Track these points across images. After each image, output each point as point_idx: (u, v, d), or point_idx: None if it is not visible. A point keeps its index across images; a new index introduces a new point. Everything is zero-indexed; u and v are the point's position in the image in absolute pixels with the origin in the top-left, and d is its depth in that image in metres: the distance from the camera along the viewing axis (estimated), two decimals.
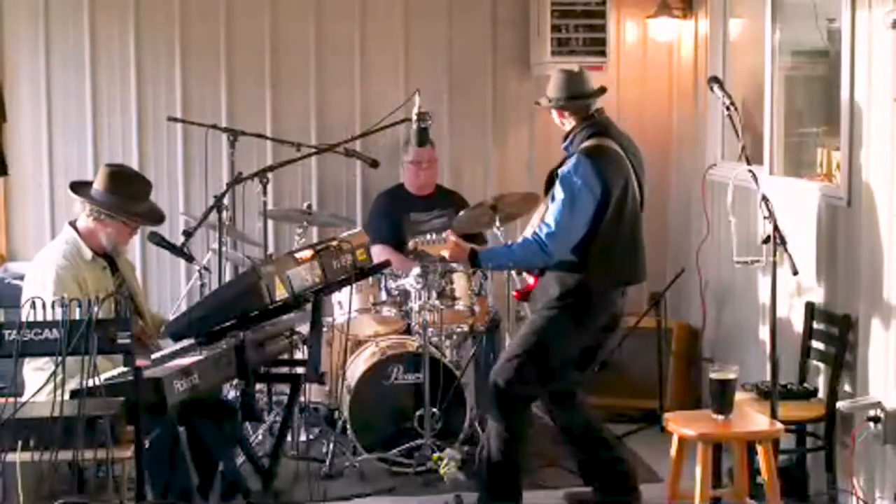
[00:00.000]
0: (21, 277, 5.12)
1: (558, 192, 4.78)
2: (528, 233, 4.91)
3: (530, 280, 5.10)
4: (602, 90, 5.01)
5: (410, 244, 5.11)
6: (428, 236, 5.14)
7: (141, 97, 6.68)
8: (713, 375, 4.51)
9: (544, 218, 4.83)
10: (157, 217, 4.80)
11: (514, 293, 5.34)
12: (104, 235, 4.55)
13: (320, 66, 6.79)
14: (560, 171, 4.83)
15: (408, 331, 5.92)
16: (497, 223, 5.73)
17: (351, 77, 6.80)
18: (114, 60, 6.65)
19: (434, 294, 5.62)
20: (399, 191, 6.52)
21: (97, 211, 4.53)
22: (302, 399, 4.94)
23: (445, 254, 5.03)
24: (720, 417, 4.48)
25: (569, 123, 4.94)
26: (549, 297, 4.91)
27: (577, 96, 4.90)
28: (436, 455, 5.40)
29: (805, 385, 5.09)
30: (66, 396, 3.36)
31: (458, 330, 5.90)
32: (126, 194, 4.58)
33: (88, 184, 4.66)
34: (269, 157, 6.55)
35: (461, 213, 5.93)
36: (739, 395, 4.76)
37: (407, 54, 6.86)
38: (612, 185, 4.77)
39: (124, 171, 4.82)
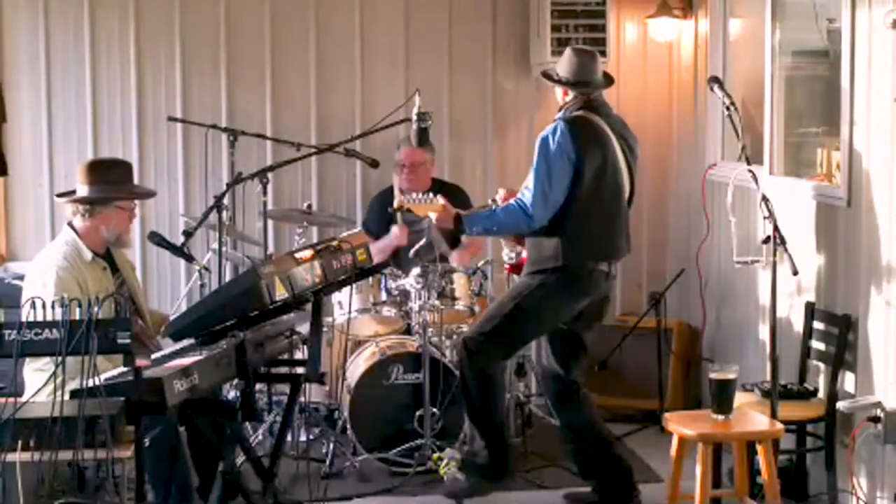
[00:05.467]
0: (21, 277, 5.12)
1: (536, 156, 4.86)
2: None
3: (524, 254, 5.13)
4: (610, 81, 5.08)
5: (396, 201, 5.08)
6: (415, 195, 5.14)
7: (141, 97, 6.68)
8: (713, 375, 4.51)
9: (525, 183, 4.89)
10: (147, 193, 4.81)
11: (506, 267, 5.35)
12: (104, 229, 4.54)
13: (320, 66, 6.79)
14: (539, 135, 4.89)
15: (408, 331, 5.92)
16: None
17: (351, 77, 6.80)
18: (114, 60, 6.64)
19: (434, 294, 5.63)
20: (391, 192, 6.49)
21: (88, 208, 4.52)
22: (302, 399, 4.94)
23: (432, 215, 5.06)
24: (720, 417, 4.48)
25: (568, 98, 5.01)
26: (530, 266, 4.96)
27: (584, 83, 4.95)
28: (436, 455, 5.40)
29: (805, 385, 5.09)
30: (66, 396, 3.36)
31: (458, 330, 5.90)
32: (110, 181, 4.57)
33: (73, 192, 4.64)
34: (269, 157, 6.55)
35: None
36: (739, 395, 4.76)
37: (407, 54, 6.86)
38: (587, 154, 4.81)
39: (100, 161, 4.85)
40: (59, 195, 4.69)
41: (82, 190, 4.55)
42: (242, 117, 6.62)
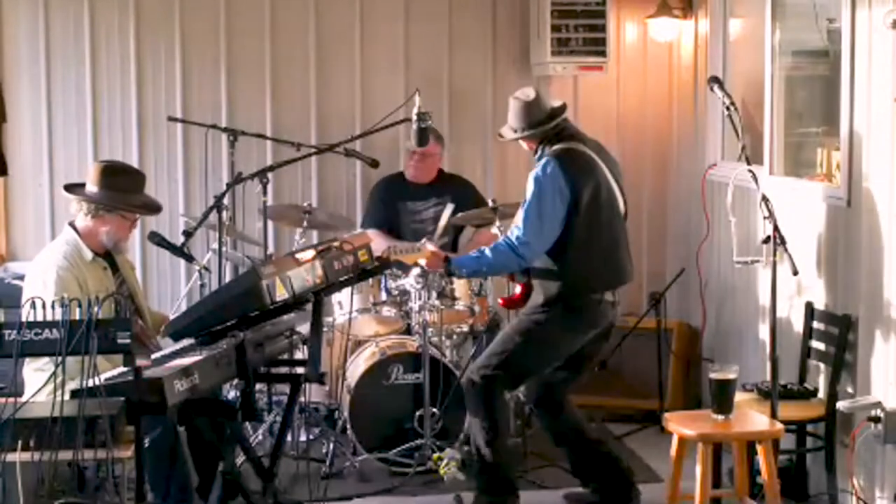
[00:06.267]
0: (21, 277, 5.12)
1: (528, 194, 4.80)
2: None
3: (517, 289, 5.11)
4: (563, 108, 4.97)
5: (383, 253, 5.06)
6: (400, 245, 5.17)
7: (141, 97, 6.68)
8: (713, 375, 4.51)
9: (515, 221, 4.86)
10: (154, 208, 4.79)
11: (500, 301, 5.39)
12: (104, 232, 4.54)
13: (320, 66, 6.79)
14: (530, 173, 4.85)
15: (408, 331, 5.92)
16: (497, 222, 5.73)
17: (351, 77, 6.80)
18: (114, 60, 6.64)
19: (434, 294, 5.63)
20: (397, 178, 6.51)
21: (94, 208, 4.52)
22: (302, 399, 4.94)
23: (422, 262, 5.07)
24: (720, 417, 4.49)
25: (537, 143, 4.94)
26: (534, 304, 4.93)
27: (539, 123, 4.89)
28: (436, 455, 5.40)
29: (805, 385, 5.09)
30: (67, 396, 3.36)
31: (458, 330, 5.90)
32: (120, 188, 4.57)
33: (82, 185, 4.65)
34: (269, 157, 6.55)
35: (459, 214, 5.92)
36: (739, 395, 4.77)
37: (407, 54, 6.86)
38: (581, 186, 4.78)
39: (116, 166, 4.82)
40: (67, 187, 4.68)
41: (91, 189, 4.55)
42: (242, 117, 6.62)
